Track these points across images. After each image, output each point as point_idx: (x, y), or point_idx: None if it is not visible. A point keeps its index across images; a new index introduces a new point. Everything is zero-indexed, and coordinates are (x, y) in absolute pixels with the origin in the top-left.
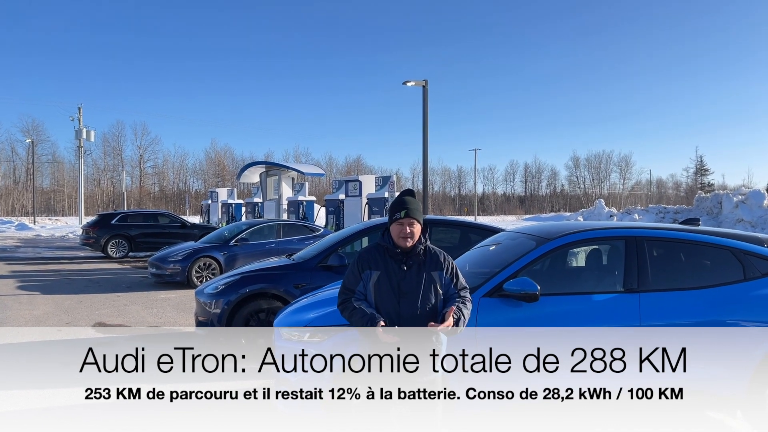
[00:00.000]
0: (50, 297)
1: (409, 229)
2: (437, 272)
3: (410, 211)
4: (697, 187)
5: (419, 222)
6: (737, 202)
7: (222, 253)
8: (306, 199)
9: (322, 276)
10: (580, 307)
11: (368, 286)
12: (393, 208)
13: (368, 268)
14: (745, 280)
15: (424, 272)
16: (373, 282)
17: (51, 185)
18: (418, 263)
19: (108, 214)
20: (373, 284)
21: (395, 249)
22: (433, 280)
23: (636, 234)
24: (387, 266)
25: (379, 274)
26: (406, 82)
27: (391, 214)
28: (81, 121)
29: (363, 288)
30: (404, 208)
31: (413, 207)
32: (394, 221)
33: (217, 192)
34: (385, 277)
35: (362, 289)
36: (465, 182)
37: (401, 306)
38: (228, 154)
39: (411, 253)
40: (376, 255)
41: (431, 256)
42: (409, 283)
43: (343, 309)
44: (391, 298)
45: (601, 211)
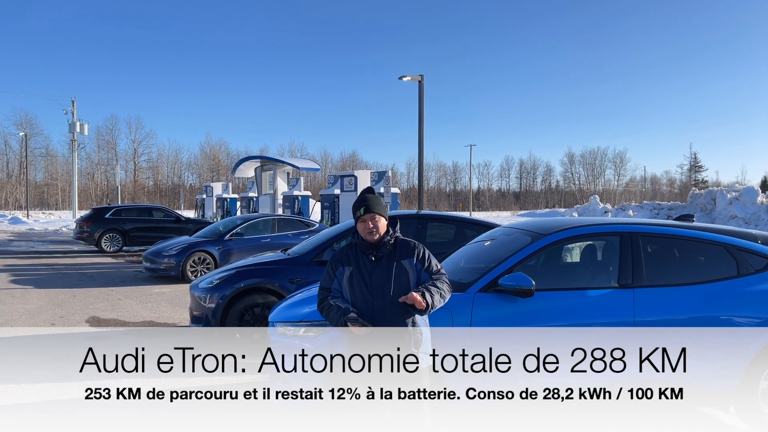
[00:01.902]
0: (44, 291)
1: (371, 223)
2: (407, 260)
3: (369, 206)
4: (691, 184)
5: (382, 216)
6: (731, 199)
7: (217, 247)
8: (301, 194)
9: (317, 271)
10: (574, 302)
11: (342, 282)
12: (354, 207)
13: (341, 265)
14: (739, 276)
15: (394, 261)
16: (347, 277)
17: (44, 179)
18: (388, 254)
19: (102, 208)
20: (346, 279)
21: (364, 243)
22: (403, 268)
23: (630, 230)
24: (358, 261)
25: (351, 269)
26: (402, 77)
27: (354, 213)
28: (75, 115)
29: (338, 285)
30: (364, 205)
31: (372, 203)
32: (358, 219)
33: (212, 186)
34: (356, 272)
35: (337, 287)
36: (460, 178)
37: (374, 297)
38: (223, 148)
39: (380, 245)
40: (348, 252)
41: (401, 245)
42: (380, 274)
43: (321, 309)
44: (364, 291)
45: (596, 207)
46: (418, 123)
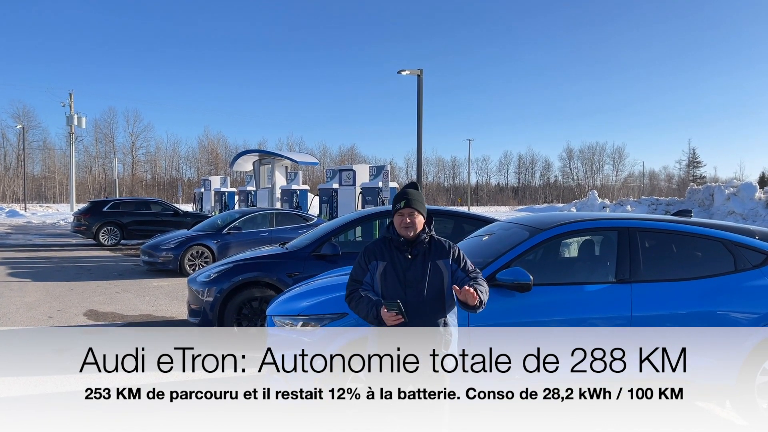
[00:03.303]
0: (41, 284)
1: (409, 219)
2: (442, 260)
3: (410, 201)
4: (689, 180)
5: (421, 213)
6: (729, 195)
7: (215, 241)
8: (299, 188)
9: (315, 265)
10: (572, 297)
11: (375, 276)
12: (395, 199)
13: (375, 259)
14: (736, 271)
15: (429, 261)
16: (380, 272)
17: (42, 172)
18: (423, 252)
19: (100, 202)
20: (379, 274)
21: (399, 239)
22: (438, 268)
23: (628, 225)
24: (393, 257)
25: (385, 264)
26: (401, 71)
27: (393, 205)
28: (72, 107)
29: (370, 279)
30: (405, 198)
31: (414, 198)
32: (396, 212)
33: (210, 180)
34: (390, 268)
35: (369, 280)
36: (459, 173)
37: (407, 294)
38: (221, 142)
39: (415, 243)
40: (382, 246)
41: (436, 245)
42: (415, 273)
43: (350, 300)
44: (397, 288)
45: (594, 202)
46: (417, 117)
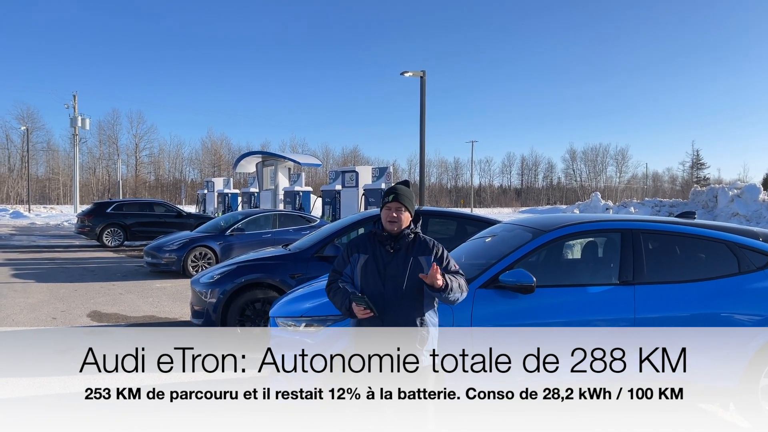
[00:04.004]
0: (45, 285)
1: (396, 213)
2: (425, 257)
3: (399, 196)
4: (692, 181)
5: (408, 209)
6: (733, 196)
7: (218, 242)
8: (302, 190)
9: (318, 266)
10: (575, 298)
11: (356, 269)
12: (385, 194)
13: (357, 252)
14: (740, 273)
15: (411, 256)
16: (361, 265)
17: (46, 173)
18: (406, 247)
19: (103, 203)
20: (360, 267)
21: (383, 233)
22: (419, 264)
23: (632, 227)
24: (375, 250)
25: (366, 257)
26: (404, 72)
27: (382, 199)
28: (76, 109)
29: (350, 271)
30: (393, 193)
31: (403, 194)
32: (384, 206)
33: (214, 181)
34: (372, 261)
35: (349, 272)
36: (462, 174)
37: (386, 288)
38: (224, 143)
39: (398, 238)
40: (365, 240)
41: (420, 242)
42: (395, 267)
43: (329, 290)
44: (377, 281)
45: (598, 204)
46: (420, 119)
